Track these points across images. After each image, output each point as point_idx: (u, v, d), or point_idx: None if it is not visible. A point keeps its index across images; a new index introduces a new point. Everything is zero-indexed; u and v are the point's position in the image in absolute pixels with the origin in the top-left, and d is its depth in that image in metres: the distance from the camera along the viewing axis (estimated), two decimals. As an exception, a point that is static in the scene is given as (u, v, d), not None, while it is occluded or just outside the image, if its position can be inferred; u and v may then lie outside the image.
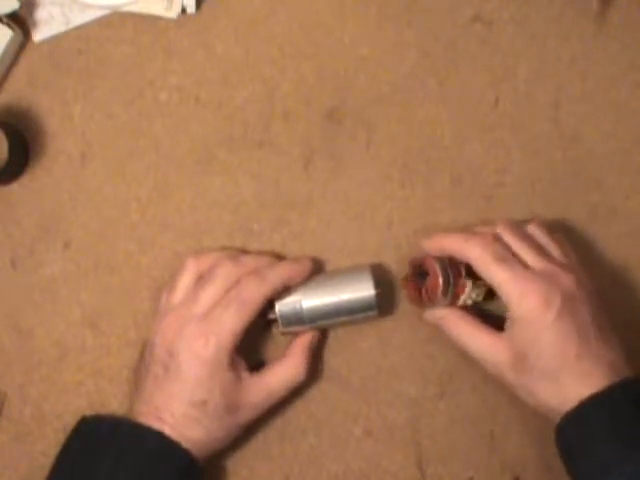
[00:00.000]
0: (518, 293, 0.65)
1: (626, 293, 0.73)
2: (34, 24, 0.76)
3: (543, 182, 0.74)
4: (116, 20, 0.76)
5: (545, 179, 0.74)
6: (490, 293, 0.68)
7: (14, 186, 0.75)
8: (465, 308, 0.69)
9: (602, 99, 0.74)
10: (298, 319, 0.69)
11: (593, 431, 0.62)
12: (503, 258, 0.66)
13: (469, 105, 0.75)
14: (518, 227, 0.69)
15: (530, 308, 0.64)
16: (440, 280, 0.67)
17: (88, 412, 0.70)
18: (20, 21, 0.75)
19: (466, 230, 0.71)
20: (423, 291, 0.68)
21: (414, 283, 0.69)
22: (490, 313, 0.70)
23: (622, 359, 0.65)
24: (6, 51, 0.74)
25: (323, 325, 0.70)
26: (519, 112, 0.74)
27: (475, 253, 0.67)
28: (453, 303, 0.68)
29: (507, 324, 0.66)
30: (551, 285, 0.64)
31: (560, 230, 0.71)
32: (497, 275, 0.65)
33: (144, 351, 0.70)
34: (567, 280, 0.65)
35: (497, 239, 0.67)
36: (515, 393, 0.67)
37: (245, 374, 0.67)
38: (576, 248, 0.72)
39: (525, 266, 0.66)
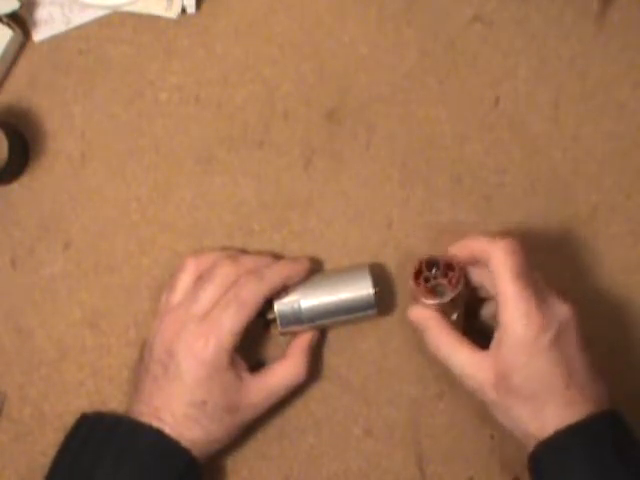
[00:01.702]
0: (522, 312, 0.62)
1: (626, 293, 0.73)
2: (34, 24, 0.76)
3: (543, 182, 0.74)
4: (116, 20, 0.76)
5: (545, 179, 0.74)
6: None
7: (14, 186, 0.75)
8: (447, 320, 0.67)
9: (602, 99, 0.74)
10: (297, 319, 0.69)
11: (570, 461, 0.62)
12: (522, 272, 0.63)
13: (469, 105, 0.75)
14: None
15: (527, 330, 0.62)
16: (459, 270, 0.66)
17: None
18: (20, 21, 0.75)
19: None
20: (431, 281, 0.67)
21: (418, 278, 0.67)
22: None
23: (606, 393, 0.64)
24: (6, 51, 0.74)
25: (322, 325, 0.70)
26: (519, 112, 0.74)
27: (498, 257, 0.64)
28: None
29: (494, 342, 0.64)
30: (550, 311, 0.63)
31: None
32: (509, 287, 0.63)
33: (143, 351, 0.70)
34: (563, 309, 0.64)
35: (521, 249, 0.64)
36: (492, 412, 0.65)
37: (245, 374, 0.67)
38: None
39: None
